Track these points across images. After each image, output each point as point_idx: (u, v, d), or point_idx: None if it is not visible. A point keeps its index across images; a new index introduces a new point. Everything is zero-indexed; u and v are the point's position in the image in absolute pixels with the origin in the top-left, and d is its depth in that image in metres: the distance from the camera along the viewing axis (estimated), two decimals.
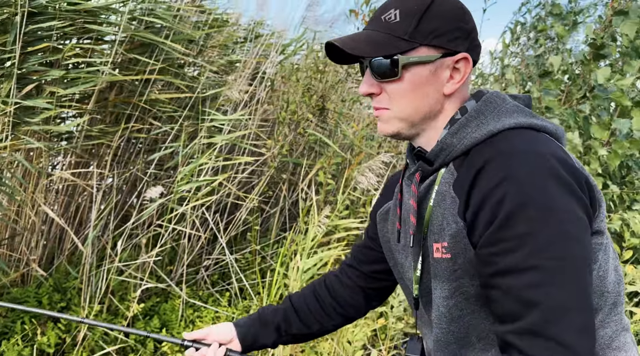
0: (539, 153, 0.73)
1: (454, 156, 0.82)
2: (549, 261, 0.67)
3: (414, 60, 0.80)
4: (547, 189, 0.69)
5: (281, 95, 3.76)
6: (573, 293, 0.67)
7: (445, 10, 0.82)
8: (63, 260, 2.57)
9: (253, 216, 3.07)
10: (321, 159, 3.43)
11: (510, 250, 0.69)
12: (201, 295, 2.85)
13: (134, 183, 2.89)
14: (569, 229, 0.69)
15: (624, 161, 2.41)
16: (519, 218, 0.69)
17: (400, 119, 0.84)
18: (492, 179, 0.72)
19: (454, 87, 0.83)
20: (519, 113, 0.81)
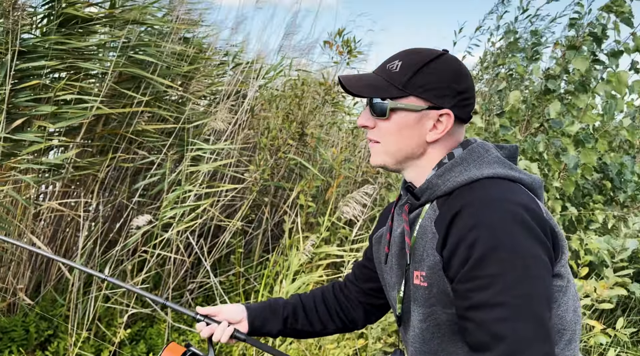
0: (509, 202, 0.83)
1: (438, 195, 0.93)
2: (516, 299, 0.77)
3: (402, 106, 0.93)
4: (514, 234, 0.80)
5: (261, 121, 3.90)
6: (536, 327, 0.77)
7: (441, 70, 0.94)
8: (50, 288, 2.62)
9: (236, 239, 3.17)
10: (301, 182, 3.56)
11: (483, 287, 0.79)
12: (186, 319, 2.93)
13: (119, 211, 2.97)
14: (533, 270, 0.79)
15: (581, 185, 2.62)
16: (490, 260, 0.79)
17: (387, 154, 0.97)
18: (467, 223, 0.83)
19: (436, 137, 0.94)
20: (498, 165, 0.92)
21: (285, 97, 4.24)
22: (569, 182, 2.30)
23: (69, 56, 2.61)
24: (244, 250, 3.40)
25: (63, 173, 2.57)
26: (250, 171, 3.40)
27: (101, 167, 2.67)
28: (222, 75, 3.86)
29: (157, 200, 3.00)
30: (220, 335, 1.14)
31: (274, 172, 3.76)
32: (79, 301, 2.56)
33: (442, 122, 0.94)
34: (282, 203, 3.58)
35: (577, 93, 2.40)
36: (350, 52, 4.57)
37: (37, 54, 2.54)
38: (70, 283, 2.61)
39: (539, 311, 0.78)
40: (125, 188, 2.95)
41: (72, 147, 2.55)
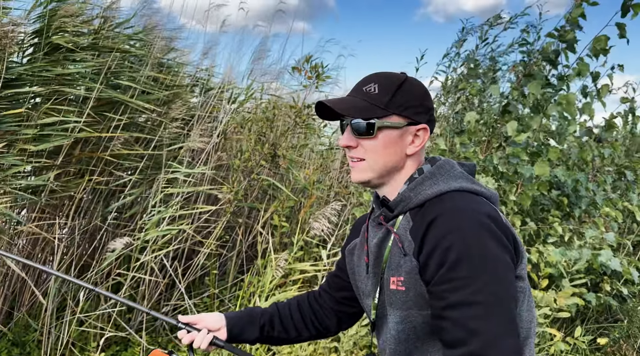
0: (476, 212, 0.95)
1: (410, 207, 1.04)
2: (488, 298, 0.87)
3: (387, 125, 1.05)
4: (483, 240, 0.91)
5: (234, 144, 4.00)
6: (506, 324, 0.87)
7: (414, 90, 1.07)
8: (23, 313, 2.62)
9: (211, 261, 3.23)
10: (275, 203, 3.66)
11: (458, 288, 0.89)
12: (160, 342, 2.95)
13: (92, 234, 2.99)
14: (501, 272, 0.90)
15: (539, 201, 2.82)
16: (464, 263, 0.89)
17: (372, 170, 1.07)
18: (441, 230, 0.93)
19: (415, 150, 1.07)
20: (463, 179, 1.04)
21: (257, 120, 4.37)
22: (526, 196, 2.49)
23: (52, 82, 2.67)
24: (219, 272, 3.45)
25: (41, 196, 2.59)
26: (224, 192, 3.48)
27: (77, 189, 2.71)
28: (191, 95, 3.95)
29: (132, 222, 3.04)
30: (200, 342, 1.23)
31: (247, 193, 3.85)
32: (52, 326, 2.56)
33: (420, 136, 1.07)
34: (256, 224, 3.67)
35: (532, 115, 2.62)
36: (318, 76, 4.76)
37: (21, 81, 2.60)
38: (43, 308, 2.61)
39: (508, 310, 0.88)
40: (100, 211, 2.98)
41: (53, 169, 2.59)
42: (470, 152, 2.79)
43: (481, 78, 3.43)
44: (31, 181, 2.60)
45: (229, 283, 3.34)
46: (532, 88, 2.68)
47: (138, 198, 3.13)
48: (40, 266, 1.30)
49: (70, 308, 2.60)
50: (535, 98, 2.65)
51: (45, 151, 2.64)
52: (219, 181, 3.69)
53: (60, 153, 2.69)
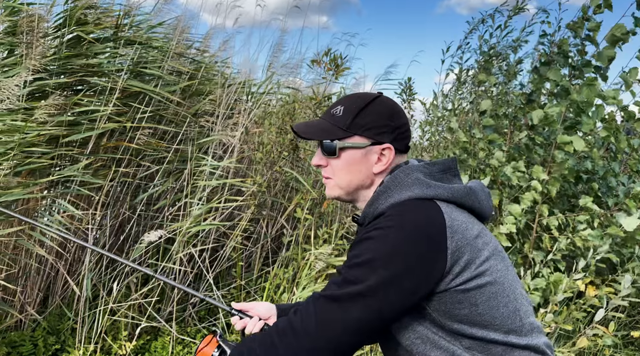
0: (410, 225, 1.02)
1: (373, 218, 1.11)
2: (361, 288, 1.00)
3: (348, 145, 1.15)
4: (397, 248, 1.00)
5: (255, 136, 4.10)
6: (352, 319, 0.99)
7: (377, 111, 1.15)
8: (57, 301, 2.74)
9: (237, 253, 3.33)
10: (297, 196, 3.76)
11: (342, 268, 1.08)
12: (189, 331, 3.06)
13: (121, 225, 3.11)
14: (386, 278, 1.00)
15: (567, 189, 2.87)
16: (359, 263, 1.02)
17: (340, 187, 1.18)
18: (363, 243, 1.05)
19: (381, 168, 1.16)
20: (416, 186, 1.10)
21: (278, 113, 4.47)
22: (554, 180, 2.54)
23: (79, 73, 2.79)
24: (244, 264, 3.55)
25: (71, 187, 2.71)
26: (247, 185, 3.58)
27: (105, 180, 2.82)
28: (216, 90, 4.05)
29: (160, 214, 3.15)
30: (252, 328, 1.32)
31: (270, 185, 3.95)
32: (85, 315, 2.68)
33: (385, 155, 1.15)
34: (279, 216, 3.76)
35: (558, 99, 2.67)
36: (337, 68, 4.85)
37: (49, 72, 2.72)
38: (76, 297, 2.73)
39: (365, 312, 0.99)
40: (128, 202, 3.09)
41: (82, 160, 2.71)
42: (494, 135, 2.86)
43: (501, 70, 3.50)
44: (63, 171, 2.71)
45: (254, 275, 3.44)
46: (552, 74, 2.73)
47: (165, 191, 3.24)
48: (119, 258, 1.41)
49: (102, 297, 2.71)
50: (557, 85, 2.71)
51: (76, 142, 2.76)
52: (242, 174, 3.79)
53: (88, 143, 2.81)
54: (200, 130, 3.52)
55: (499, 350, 1.05)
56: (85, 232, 2.77)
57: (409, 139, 1.21)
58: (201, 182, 3.05)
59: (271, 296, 3.20)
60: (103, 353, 2.69)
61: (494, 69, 4.13)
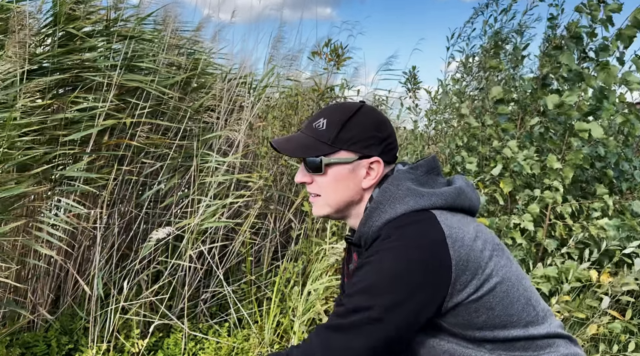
0: (413, 244, 1.00)
1: (371, 239, 1.08)
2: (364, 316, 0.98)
3: (335, 161, 1.09)
4: (400, 271, 0.98)
5: (261, 131, 4.09)
6: (351, 346, 0.96)
7: (362, 122, 1.09)
8: (69, 301, 2.75)
9: (246, 248, 3.34)
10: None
11: (356, 283, 1.04)
12: (201, 327, 3.07)
13: (128, 223, 3.11)
14: (397, 299, 0.97)
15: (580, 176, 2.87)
16: (362, 290, 1.00)
17: (329, 205, 1.13)
18: (364, 269, 1.03)
19: (370, 183, 1.11)
20: (410, 197, 1.06)
21: (280, 106, 4.46)
22: (569, 167, 2.53)
23: (73, 69, 2.78)
24: (253, 259, 3.56)
25: (75, 186, 2.71)
26: (253, 179, 3.58)
27: (109, 178, 2.82)
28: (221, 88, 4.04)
29: (167, 211, 3.15)
30: None
31: (276, 179, 3.95)
32: (97, 315, 2.69)
33: (374, 169, 1.10)
34: (287, 210, 3.76)
35: (571, 84, 2.65)
36: (338, 58, 4.83)
37: (43, 70, 2.71)
38: (87, 296, 2.74)
39: (373, 338, 0.96)
40: (134, 200, 3.10)
41: (83, 158, 2.71)
42: (509, 125, 2.85)
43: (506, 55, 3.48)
44: (65, 171, 2.71)
45: (264, 270, 3.45)
46: (564, 59, 2.71)
47: (172, 188, 3.24)
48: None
49: (113, 296, 2.72)
50: (569, 70, 2.69)
51: (77, 140, 2.76)
52: (248, 170, 3.79)
53: (89, 142, 2.80)
54: (203, 126, 3.52)
55: (521, 344, 1.05)
56: (93, 232, 2.78)
57: (396, 149, 1.16)
58: (208, 178, 3.05)
59: (282, 291, 3.21)
60: (116, 352, 2.71)
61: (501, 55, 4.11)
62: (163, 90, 3.14)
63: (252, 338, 3.02)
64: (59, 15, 2.81)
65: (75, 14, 2.94)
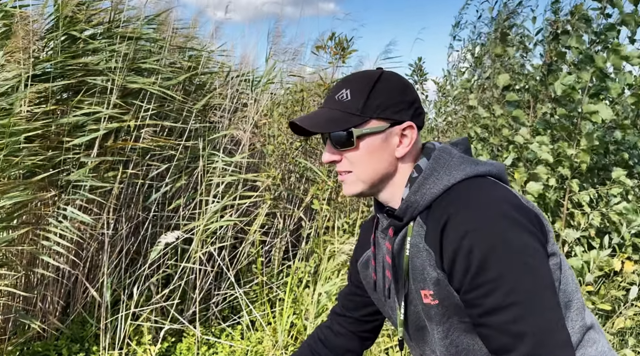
0: (491, 201, 0.90)
1: (420, 211, 0.98)
2: (525, 295, 0.83)
3: (367, 132, 1.00)
4: (505, 232, 0.86)
5: (266, 129, 4.06)
6: (550, 317, 0.83)
7: (389, 87, 1.02)
8: (78, 308, 2.74)
9: (256, 248, 3.32)
10: (313, 187, 3.73)
11: (490, 292, 0.85)
12: (214, 331, 3.06)
13: (136, 227, 3.10)
14: (531, 263, 0.85)
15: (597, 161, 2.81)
16: (490, 264, 0.84)
17: (363, 181, 1.03)
18: (458, 232, 0.88)
19: (404, 151, 1.02)
20: (466, 164, 0.99)
21: (286, 103, 4.43)
22: (584, 153, 2.48)
23: (77, 73, 2.77)
24: (264, 259, 3.54)
25: (81, 191, 2.70)
26: (262, 178, 3.56)
27: (115, 182, 2.81)
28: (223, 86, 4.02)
29: (176, 214, 3.13)
30: None
31: (285, 178, 3.92)
32: (108, 321, 2.68)
33: (407, 135, 1.02)
34: (297, 209, 3.74)
35: (582, 65, 2.59)
36: (343, 51, 4.79)
37: (47, 74, 2.70)
38: (96, 303, 2.73)
39: (549, 301, 0.85)
40: (141, 203, 3.08)
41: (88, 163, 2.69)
42: (519, 112, 2.80)
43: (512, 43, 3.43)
44: (70, 176, 2.70)
45: (275, 270, 3.43)
46: (574, 41, 2.65)
47: (179, 190, 3.23)
48: None
49: (124, 302, 2.71)
50: (580, 52, 2.63)
51: (82, 145, 2.74)
52: (255, 169, 3.77)
53: (94, 146, 2.79)
54: (208, 126, 3.50)
55: (578, 337, 0.98)
56: (100, 237, 2.77)
57: (424, 114, 1.08)
58: (216, 179, 3.03)
59: (294, 291, 3.19)
60: None
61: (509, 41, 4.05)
62: (166, 91, 3.13)
63: (265, 340, 3.00)
64: (61, 19, 2.79)
65: (77, 17, 2.93)
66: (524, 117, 2.94)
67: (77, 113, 2.67)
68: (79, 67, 2.84)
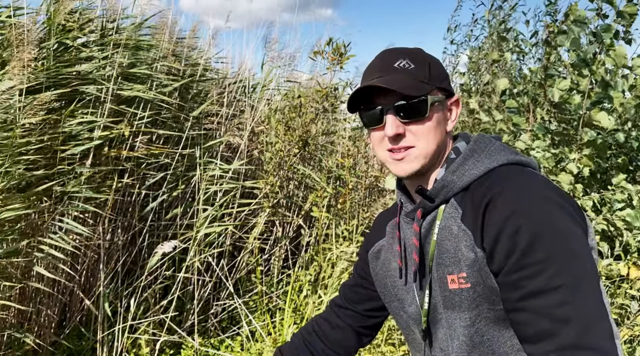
0: (537, 185, 0.88)
1: (455, 192, 0.95)
2: (571, 279, 0.79)
3: (436, 100, 0.96)
4: (552, 216, 0.83)
5: (263, 137, 4.06)
6: (596, 304, 0.79)
7: (437, 61, 1.02)
8: (75, 321, 2.72)
9: (255, 257, 3.30)
10: (312, 194, 3.72)
11: (535, 274, 0.81)
12: (213, 343, 3.04)
13: (133, 237, 3.08)
14: (577, 248, 0.82)
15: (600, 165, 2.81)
16: (537, 246, 0.81)
17: (425, 156, 0.97)
18: (502, 213, 0.85)
19: (453, 125, 1.01)
20: (506, 152, 0.97)
21: (283, 109, 4.43)
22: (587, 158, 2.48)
23: (71, 82, 2.76)
24: (264, 268, 3.52)
25: (75, 203, 2.68)
26: (260, 185, 3.55)
27: (110, 192, 2.79)
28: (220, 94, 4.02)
29: (173, 224, 3.12)
30: None
31: (283, 185, 3.91)
32: (105, 335, 2.66)
33: (453, 110, 1.01)
34: (296, 216, 3.73)
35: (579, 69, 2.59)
36: (341, 56, 4.79)
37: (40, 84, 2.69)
38: (93, 316, 2.71)
39: (594, 288, 0.81)
40: (137, 213, 3.07)
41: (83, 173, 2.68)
42: (519, 119, 2.80)
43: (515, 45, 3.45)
44: (65, 187, 2.68)
45: (274, 280, 3.42)
46: (571, 44, 2.65)
47: (176, 199, 3.21)
48: None
49: (121, 314, 2.69)
50: (578, 54, 2.64)
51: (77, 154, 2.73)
52: (253, 176, 3.76)
53: (88, 156, 2.78)
54: (205, 133, 3.49)
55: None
56: (97, 249, 2.75)
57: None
58: (213, 187, 3.02)
59: (294, 300, 3.17)
60: None
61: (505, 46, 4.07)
62: (162, 98, 3.12)
63: (265, 351, 2.98)
64: (53, 27, 2.79)
65: (70, 25, 2.93)
66: (524, 124, 2.94)
67: (72, 123, 2.66)
68: (72, 76, 2.83)
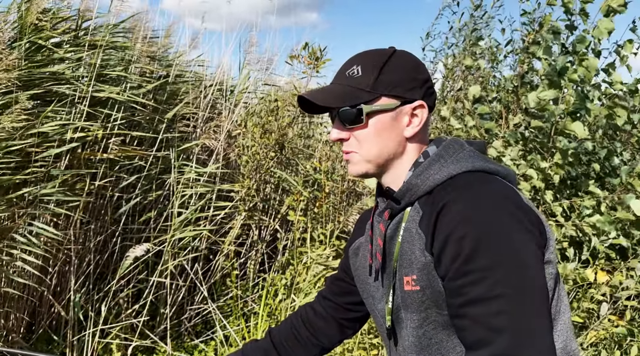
0: (492, 193, 0.89)
1: (419, 195, 0.97)
2: (512, 290, 0.79)
3: (377, 109, 0.98)
4: (502, 226, 0.84)
5: (240, 140, 4.07)
6: (535, 318, 0.79)
7: (401, 64, 1.01)
8: (44, 325, 2.69)
9: (230, 261, 3.31)
10: (288, 198, 3.74)
11: (476, 281, 0.81)
12: (186, 347, 3.03)
13: (105, 241, 3.06)
14: (525, 259, 0.82)
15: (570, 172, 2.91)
16: (481, 253, 0.81)
17: (367, 161, 1.01)
18: (453, 218, 0.86)
19: (414, 131, 1.01)
20: (474, 159, 0.98)
21: (260, 113, 4.45)
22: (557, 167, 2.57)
23: (44, 83, 2.74)
24: (239, 272, 3.53)
25: (49, 206, 2.66)
26: (236, 189, 3.56)
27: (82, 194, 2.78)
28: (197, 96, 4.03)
29: (147, 227, 3.11)
30: None
31: (260, 189, 3.93)
32: (75, 339, 2.64)
33: (418, 115, 1.02)
34: (272, 220, 3.75)
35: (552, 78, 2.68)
36: (317, 61, 4.83)
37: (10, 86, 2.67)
38: (63, 321, 2.69)
39: (537, 302, 0.81)
40: (109, 216, 3.05)
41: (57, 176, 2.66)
42: (491, 124, 2.88)
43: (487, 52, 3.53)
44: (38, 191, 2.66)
45: (250, 284, 3.43)
46: (543, 52, 2.74)
47: (150, 202, 3.21)
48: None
49: (91, 319, 2.67)
50: (549, 64, 2.73)
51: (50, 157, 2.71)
52: (229, 180, 3.77)
53: (60, 158, 2.76)
54: (180, 135, 3.49)
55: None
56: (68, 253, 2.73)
57: (436, 94, 1.08)
58: (188, 190, 3.03)
59: (270, 304, 3.19)
60: None
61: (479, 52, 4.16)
62: (136, 99, 3.12)
63: None
64: (25, 26, 2.76)
65: (43, 25, 2.90)
66: (496, 129, 3.02)
67: (49, 124, 2.64)
68: (46, 76, 2.81)
